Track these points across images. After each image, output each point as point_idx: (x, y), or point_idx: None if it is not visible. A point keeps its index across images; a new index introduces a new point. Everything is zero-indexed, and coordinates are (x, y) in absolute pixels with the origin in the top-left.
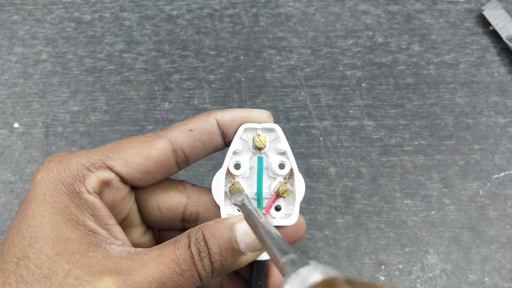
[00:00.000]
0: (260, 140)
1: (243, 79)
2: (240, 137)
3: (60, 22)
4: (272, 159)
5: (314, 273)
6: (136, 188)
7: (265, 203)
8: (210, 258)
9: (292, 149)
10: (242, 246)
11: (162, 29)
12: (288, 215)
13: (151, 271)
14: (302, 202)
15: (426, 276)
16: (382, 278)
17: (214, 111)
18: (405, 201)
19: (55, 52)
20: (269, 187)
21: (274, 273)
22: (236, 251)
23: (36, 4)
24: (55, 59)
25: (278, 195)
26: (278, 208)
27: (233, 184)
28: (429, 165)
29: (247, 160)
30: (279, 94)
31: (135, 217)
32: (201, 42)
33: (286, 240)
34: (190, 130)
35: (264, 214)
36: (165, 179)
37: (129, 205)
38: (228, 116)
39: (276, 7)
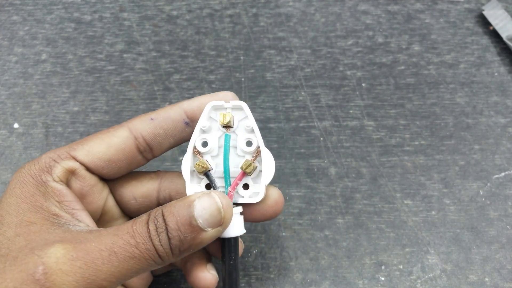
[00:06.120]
0: (225, 116)
1: (243, 79)
2: (210, 117)
3: (60, 23)
4: (241, 138)
5: None
6: (110, 181)
7: (233, 181)
8: (167, 234)
9: (292, 149)
10: (200, 221)
11: (162, 29)
12: (256, 194)
13: (104, 241)
14: (303, 202)
15: (427, 276)
16: (383, 279)
17: (180, 102)
18: (405, 201)
19: (55, 52)
20: (238, 165)
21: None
22: (194, 227)
23: (36, 5)
24: (55, 59)
25: (244, 172)
26: (246, 187)
27: (198, 161)
28: (429, 165)
29: (216, 138)
30: (279, 94)
31: (114, 210)
32: (201, 42)
33: (262, 216)
34: (151, 119)
35: (230, 192)
36: (138, 171)
37: (102, 196)
38: (195, 103)
39: (276, 7)
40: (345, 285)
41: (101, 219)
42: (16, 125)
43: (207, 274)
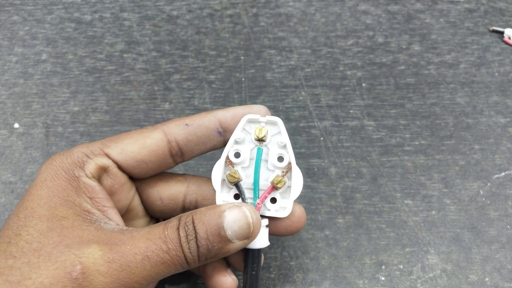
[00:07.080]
0: (261, 130)
1: (243, 79)
2: (244, 128)
3: (60, 23)
4: (272, 152)
5: None
6: (138, 180)
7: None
8: (196, 242)
9: (293, 149)
10: (229, 233)
11: (162, 29)
12: (283, 208)
13: (137, 244)
14: (303, 202)
15: (427, 276)
16: (383, 278)
17: (214, 110)
18: (405, 201)
19: (55, 52)
20: (268, 179)
21: None
22: (223, 238)
23: (36, 5)
24: (55, 59)
25: (274, 186)
26: (274, 201)
27: (230, 171)
28: (429, 165)
29: (248, 150)
30: (279, 94)
31: (139, 208)
32: (201, 42)
33: (285, 231)
34: (186, 124)
35: (258, 204)
36: (166, 172)
37: (130, 195)
38: (229, 113)
39: (276, 7)
40: (345, 285)
41: (124, 216)
42: (16, 125)
43: (228, 278)
